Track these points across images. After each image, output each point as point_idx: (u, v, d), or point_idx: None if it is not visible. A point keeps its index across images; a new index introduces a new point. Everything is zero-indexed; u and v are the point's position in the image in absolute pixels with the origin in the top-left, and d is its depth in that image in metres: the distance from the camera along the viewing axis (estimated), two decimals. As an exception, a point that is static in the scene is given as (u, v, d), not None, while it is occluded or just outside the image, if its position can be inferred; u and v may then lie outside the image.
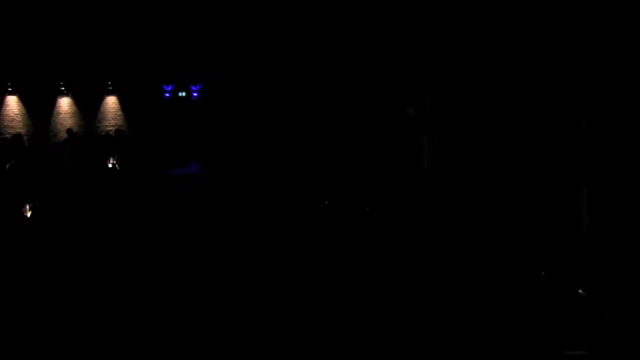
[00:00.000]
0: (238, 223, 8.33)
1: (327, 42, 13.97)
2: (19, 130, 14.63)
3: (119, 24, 14.78)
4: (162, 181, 11.52)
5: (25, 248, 6.17)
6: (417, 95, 11.95)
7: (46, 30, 14.44)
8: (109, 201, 8.43)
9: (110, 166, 11.98)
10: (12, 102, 15.10)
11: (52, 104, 15.38)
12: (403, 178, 10.74)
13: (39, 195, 7.04)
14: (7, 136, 14.35)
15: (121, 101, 15.78)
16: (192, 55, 15.63)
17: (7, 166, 9.85)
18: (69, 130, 14.40)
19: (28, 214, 6.24)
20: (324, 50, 14.27)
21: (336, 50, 13.85)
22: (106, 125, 15.59)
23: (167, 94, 16.06)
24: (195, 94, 16.33)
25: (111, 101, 15.75)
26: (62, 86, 15.38)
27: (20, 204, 6.27)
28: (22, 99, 15.19)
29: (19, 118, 15.15)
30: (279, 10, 14.56)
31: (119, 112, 15.77)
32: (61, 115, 15.38)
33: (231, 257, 6.60)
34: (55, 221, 6.52)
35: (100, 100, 15.70)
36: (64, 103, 15.46)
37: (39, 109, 15.23)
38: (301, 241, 7.21)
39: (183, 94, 16.21)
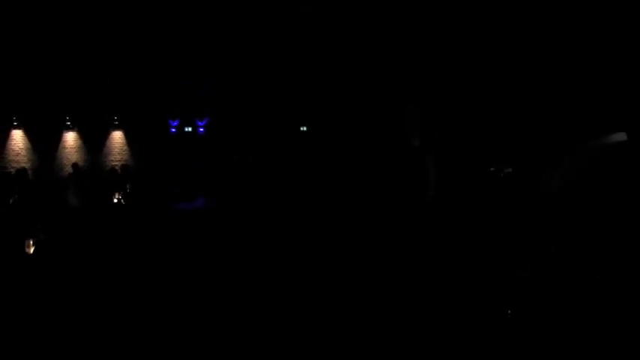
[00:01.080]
0: (245, 259, 8.15)
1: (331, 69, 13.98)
2: (24, 165, 14.50)
3: (126, 60, 14.82)
4: (169, 217, 11.32)
5: (27, 284, 5.96)
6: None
7: (53, 65, 14.47)
8: (114, 237, 8.22)
9: (115, 201, 11.79)
10: (17, 136, 15.03)
11: (58, 139, 15.31)
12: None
13: (43, 230, 6.82)
14: (12, 170, 14.21)
15: (127, 136, 15.71)
16: (199, 90, 15.65)
17: (11, 201, 9.65)
18: (74, 165, 14.25)
19: (31, 250, 6.03)
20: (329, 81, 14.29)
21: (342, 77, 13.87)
22: (112, 160, 15.48)
23: (173, 129, 16.00)
24: (201, 129, 16.27)
25: (117, 136, 15.68)
26: (68, 121, 15.32)
27: (23, 239, 6.07)
28: (28, 133, 15.12)
29: (24, 152, 15.05)
30: (285, 47, 14.60)
31: (125, 147, 15.68)
32: (66, 150, 15.29)
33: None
34: (59, 257, 6.31)
35: (106, 134, 15.64)
36: (70, 138, 15.38)
37: (44, 143, 15.15)
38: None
39: (190, 129, 16.16)
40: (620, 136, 4.35)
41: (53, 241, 6.39)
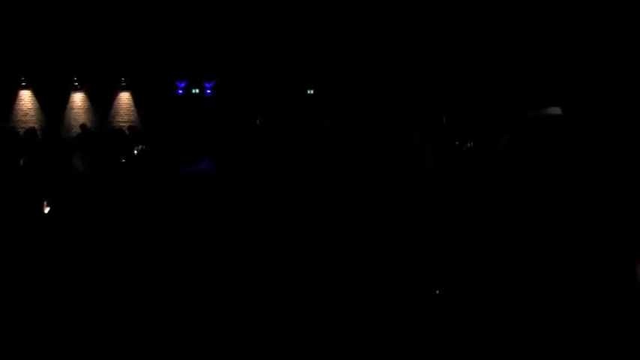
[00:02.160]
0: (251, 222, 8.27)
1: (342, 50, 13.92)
2: (33, 125, 14.59)
3: (133, 20, 14.73)
4: (177, 179, 11.43)
5: (43, 244, 6.10)
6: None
7: (61, 25, 14.41)
8: (125, 198, 8.35)
9: (123, 161, 11.90)
10: (25, 96, 15.09)
11: (66, 99, 15.35)
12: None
13: (55, 191, 6.96)
14: (20, 130, 14.31)
15: (135, 97, 15.73)
16: (206, 52, 15.57)
17: (22, 162, 9.76)
18: (82, 126, 14.35)
19: (46, 210, 6.17)
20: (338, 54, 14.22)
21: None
22: (119, 121, 15.55)
23: (180, 91, 16.00)
24: (208, 91, 16.26)
25: (124, 97, 15.72)
26: (76, 81, 15.35)
27: (37, 200, 6.21)
28: (36, 93, 15.17)
29: (32, 112, 15.14)
30: (295, 10, 14.49)
31: (132, 109, 15.73)
32: (74, 111, 15.36)
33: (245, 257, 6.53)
34: (72, 217, 6.45)
35: (114, 95, 15.67)
36: (78, 99, 15.44)
37: (52, 103, 15.20)
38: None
39: (197, 91, 16.15)
40: (555, 110, 4.40)
41: (66, 201, 6.51)
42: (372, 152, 11.88)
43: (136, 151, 13.28)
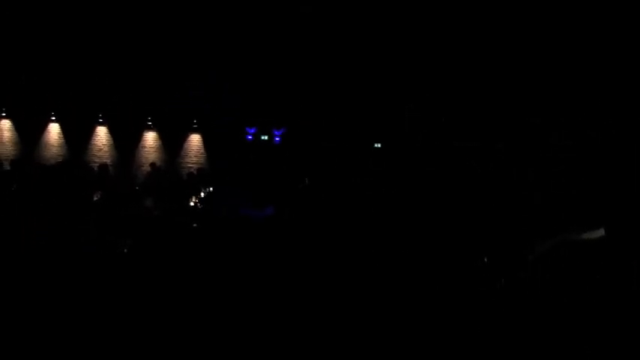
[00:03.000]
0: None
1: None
2: (106, 161, 14.95)
3: (209, 63, 15.09)
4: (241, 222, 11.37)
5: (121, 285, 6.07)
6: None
7: (138, 63, 14.89)
8: (197, 241, 8.30)
9: (192, 204, 11.96)
10: (101, 132, 15.53)
11: (138, 137, 15.72)
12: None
13: (129, 231, 6.96)
14: (94, 165, 14.68)
15: (205, 140, 15.97)
16: (278, 99, 15.74)
17: (95, 198, 9.88)
18: (152, 164, 14.61)
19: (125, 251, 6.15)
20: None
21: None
22: (188, 162, 15.77)
23: (250, 137, 16.15)
24: (277, 139, 16.35)
25: (195, 139, 15.97)
26: (149, 121, 15.73)
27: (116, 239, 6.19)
28: (111, 130, 15.61)
29: (106, 148, 15.54)
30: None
31: (202, 151, 15.94)
32: (145, 149, 15.68)
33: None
34: (150, 261, 6.42)
35: (184, 137, 15.94)
36: (150, 137, 15.77)
37: (126, 141, 15.59)
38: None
39: (266, 137, 16.27)
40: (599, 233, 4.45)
41: (143, 245, 6.48)
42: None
43: (203, 194, 13.35)
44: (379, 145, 16.20)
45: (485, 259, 5.25)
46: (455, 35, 10.88)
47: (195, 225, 10.15)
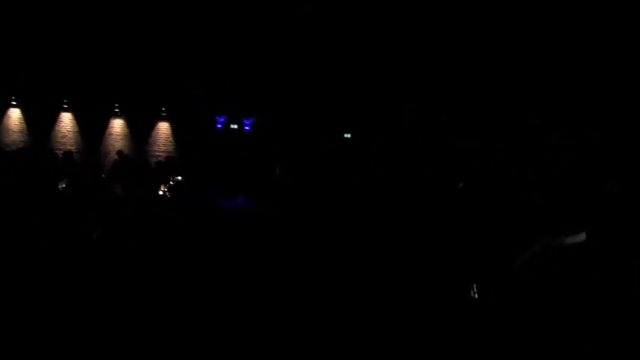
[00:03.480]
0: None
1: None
2: (70, 148, 14.55)
3: (178, 51, 14.79)
4: (216, 213, 11.20)
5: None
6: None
7: (104, 50, 14.50)
8: (169, 231, 8.12)
9: (161, 193, 11.73)
10: (66, 119, 15.11)
11: (105, 124, 15.34)
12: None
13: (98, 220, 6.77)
14: (58, 152, 14.27)
15: (173, 128, 15.68)
16: (248, 88, 15.54)
17: (61, 187, 9.60)
18: (119, 152, 14.28)
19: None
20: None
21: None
22: (156, 150, 15.47)
23: (219, 125, 15.92)
24: (247, 128, 16.15)
25: (163, 127, 15.67)
26: (117, 107, 15.36)
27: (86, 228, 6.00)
28: (76, 116, 15.19)
29: (71, 135, 15.13)
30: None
31: (170, 139, 15.65)
32: (112, 137, 15.32)
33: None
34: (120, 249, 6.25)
35: (153, 125, 15.62)
36: (117, 125, 15.41)
37: (91, 128, 15.20)
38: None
39: (236, 126, 16.06)
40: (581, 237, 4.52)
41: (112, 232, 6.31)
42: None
43: (171, 182, 13.12)
44: (349, 136, 16.18)
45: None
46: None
47: (166, 215, 9.93)
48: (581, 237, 4.57)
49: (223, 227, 10.34)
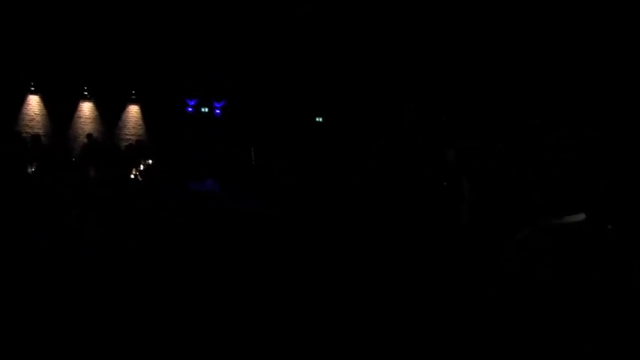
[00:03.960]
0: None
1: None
2: (38, 131, 14.36)
3: (147, 34, 14.64)
4: (189, 196, 11.24)
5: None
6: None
7: (74, 33, 14.28)
8: (143, 214, 8.18)
9: (132, 177, 11.74)
10: (33, 102, 14.88)
11: (74, 108, 15.16)
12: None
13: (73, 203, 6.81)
14: (26, 135, 14.08)
15: (144, 111, 15.58)
16: (219, 72, 15.50)
17: (31, 170, 9.58)
18: (89, 136, 14.18)
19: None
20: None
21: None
22: (126, 134, 15.37)
23: (190, 109, 15.88)
24: (217, 111, 16.15)
25: (133, 110, 15.56)
26: (85, 90, 15.19)
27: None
28: (44, 99, 14.97)
29: (38, 118, 14.91)
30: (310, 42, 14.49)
31: (140, 122, 15.56)
32: (81, 120, 15.16)
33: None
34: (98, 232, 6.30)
35: (123, 108, 15.50)
36: (86, 108, 15.25)
37: (60, 111, 15.00)
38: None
39: (206, 110, 16.04)
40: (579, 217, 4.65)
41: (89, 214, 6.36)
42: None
43: (142, 166, 13.12)
44: (320, 120, 16.30)
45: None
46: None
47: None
48: (580, 217, 4.65)
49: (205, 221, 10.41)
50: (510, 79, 10.10)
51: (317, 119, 16.25)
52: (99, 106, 15.33)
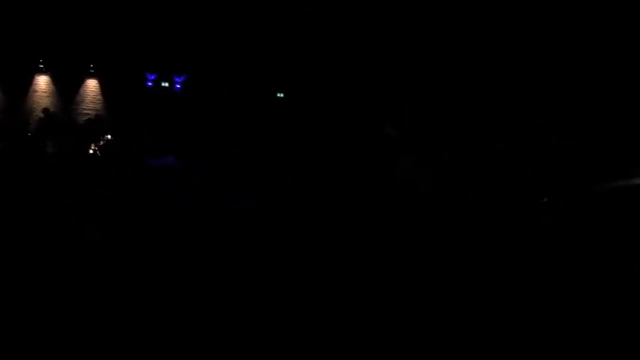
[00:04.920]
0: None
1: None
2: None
3: (106, 5, 14.33)
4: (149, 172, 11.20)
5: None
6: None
7: (29, 4, 13.89)
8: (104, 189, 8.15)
9: (91, 152, 11.61)
10: (-14, 75, 14.47)
11: (29, 82, 14.79)
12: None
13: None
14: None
15: (102, 85, 15.30)
16: (179, 44, 15.29)
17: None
18: (45, 110, 13.90)
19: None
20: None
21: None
22: (84, 109, 15.08)
23: (150, 83, 15.65)
24: (178, 86, 15.97)
25: (91, 84, 15.26)
26: (41, 63, 14.82)
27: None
28: (-3, 73, 14.56)
29: (-9, 92, 14.51)
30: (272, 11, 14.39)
31: (99, 97, 15.28)
32: (37, 94, 14.81)
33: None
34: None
35: (80, 82, 15.18)
36: (42, 82, 14.90)
37: (14, 85, 14.61)
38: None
39: (167, 84, 15.83)
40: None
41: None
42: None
43: (101, 142, 12.98)
44: (282, 95, 16.27)
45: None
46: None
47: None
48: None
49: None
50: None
51: (278, 95, 16.23)
52: (56, 80, 14.99)
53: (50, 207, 6.39)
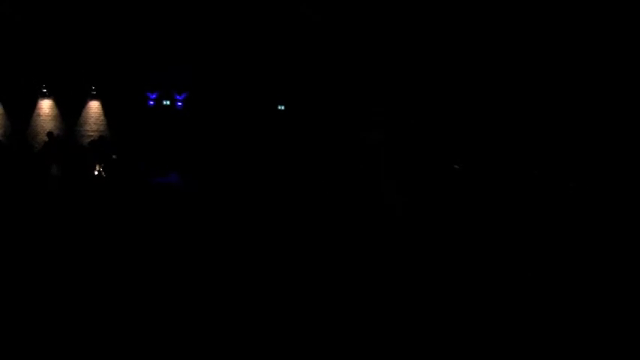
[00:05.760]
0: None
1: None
2: (-4, 132, 14.23)
3: (105, 28, 14.54)
4: (152, 191, 11.31)
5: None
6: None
7: (31, 30, 14.12)
8: (109, 209, 8.26)
9: (96, 173, 11.74)
10: (-9, 101, 14.70)
11: (33, 106, 15.01)
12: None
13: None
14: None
15: (105, 107, 15.49)
16: (179, 64, 15.48)
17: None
18: (49, 134, 14.06)
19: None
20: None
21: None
22: (88, 130, 15.27)
23: (151, 102, 15.83)
24: (179, 104, 16.13)
25: (94, 106, 15.46)
26: (44, 88, 15.04)
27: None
28: (1, 99, 14.78)
29: (-3, 117, 14.74)
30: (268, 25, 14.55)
31: (102, 118, 15.47)
32: (41, 118, 15.02)
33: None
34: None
35: (83, 104, 15.38)
36: (46, 106, 15.11)
37: (19, 109, 14.83)
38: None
39: (168, 102, 16.00)
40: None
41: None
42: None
43: (106, 161, 13.09)
44: (282, 107, 16.40)
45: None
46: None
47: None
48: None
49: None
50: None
51: (279, 107, 16.36)
52: (59, 103, 15.20)
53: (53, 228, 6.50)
